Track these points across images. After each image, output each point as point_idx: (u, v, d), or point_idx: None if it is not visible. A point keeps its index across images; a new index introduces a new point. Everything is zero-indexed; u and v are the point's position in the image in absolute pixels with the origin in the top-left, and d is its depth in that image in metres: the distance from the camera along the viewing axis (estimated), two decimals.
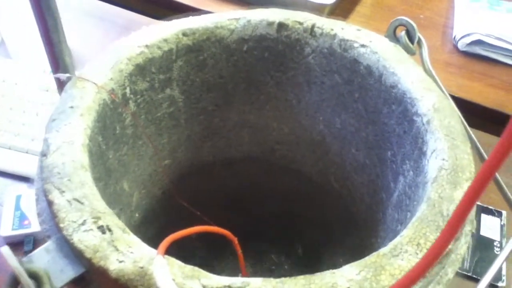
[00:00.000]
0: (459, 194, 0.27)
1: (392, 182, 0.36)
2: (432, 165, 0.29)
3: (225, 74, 0.40)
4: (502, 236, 0.72)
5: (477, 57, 0.90)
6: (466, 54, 0.91)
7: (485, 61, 0.91)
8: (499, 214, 0.74)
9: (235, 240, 0.33)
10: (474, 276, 0.67)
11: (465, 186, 0.28)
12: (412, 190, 0.32)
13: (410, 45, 0.37)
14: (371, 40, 0.36)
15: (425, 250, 0.24)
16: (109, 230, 0.24)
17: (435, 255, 0.19)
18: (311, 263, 0.46)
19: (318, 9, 0.90)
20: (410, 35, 0.38)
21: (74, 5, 0.90)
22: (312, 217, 0.46)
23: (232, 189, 0.47)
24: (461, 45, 0.90)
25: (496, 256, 0.75)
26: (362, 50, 0.36)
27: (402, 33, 0.38)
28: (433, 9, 1.00)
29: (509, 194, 0.40)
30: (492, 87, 0.89)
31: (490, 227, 0.73)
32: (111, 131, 0.34)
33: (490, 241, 0.71)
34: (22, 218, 0.49)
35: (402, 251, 0.25)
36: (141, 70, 0.35)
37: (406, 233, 0.25)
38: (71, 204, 0.25)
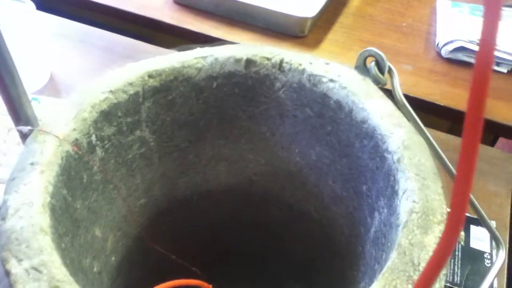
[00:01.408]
0: (430, 240, 0.27)
1: (368, 217, 0.36)
2: (403, 206, 0.29)
3: (195, 111, 0.40)
4: (492, 247, 0.71)
5: (460, 63, 0.90)
6: (449, 61, 0.91)
7: (469, 68, 0.90)
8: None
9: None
10: None
11: (436, 230, 0.27)
12: (387, 229, 0.31)
13: (380, 76, 0.37)
14: (340, 74, 0.36)
15: None
16: None
17: None
18: None
19: (301, 23, 0.90)
20: (379, 66, 0.37)
21: (53, 27, 0.89)
22: (295, 249, 0.45)
23: (211, 222, 0.47)
24: (444, 52, 0.90)
25: (486, 268, 0.74)
26: (331, 85, 0.36)
27: (371, 64, 0.37)
28: (416, 16, 1.00)
29: (488, 221, 0.39)
30: None
31: (480, 238, 0.73)
32: (77, 182, 0.33)
33: (480, 253, 0.71)
34: None
35: None
36: (107, 116, 0.34)
37: (376, 286, 0.25)
38: (29, 273, 0.24)
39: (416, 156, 0.31)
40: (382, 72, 0.37)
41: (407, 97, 1.01)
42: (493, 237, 0.39)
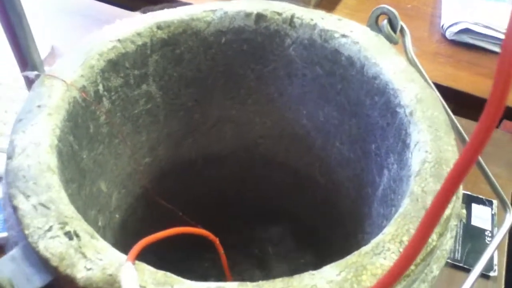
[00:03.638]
0: None
1: (377, 176, 0.35)
2: (416, 158, 0.28)
3: (203, 68, 0.39)
4: (493, 225, 0.71)
5: (465, 46, 0.89)
6: (454, 43, 0.90)
7: (473, 50, 0.90)
8: (490, 204, 0.74)
9: (217, 240, 0.32)
10: (465, 266, 0.66)
11: None
12: (397, 184, 0.31)
13: (393, 34, 0.36)
14: (352, 30, 0.35)
15: None
16: (77, 236, 0.23)
17: (415, 249, 0.18)
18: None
19: (304, 1, 0.89)
20: (392, 24, 0.37)
21: (54, 2, 0.88)
22: (298, 213, 0.45)
23: (215, 185, 0.46)
24: (449, 34, 0.89)
25: (487, 246, 0.74)
26: (343, 40, 0.35)
27: (384, 22, 0.37)
28: None
29: (496, 183, 0.39)
30: (480, 76, 0.89)
31: (481, 216, 0.73)
32: (84, 130, 0.32)
33: (481, 231, 0.71)
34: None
35: (384, 249, 0.24)
36: (114, 65, 0.34)
37: (388, 230, 0.24)
38: (36, 209, 0.24)
39: (429, 109, 0.30)
40: (394, 31, 0.37)
41: None
42: (501, 200, 0.39)
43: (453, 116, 0.37)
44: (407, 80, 0.32)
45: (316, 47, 0.36)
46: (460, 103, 0.88)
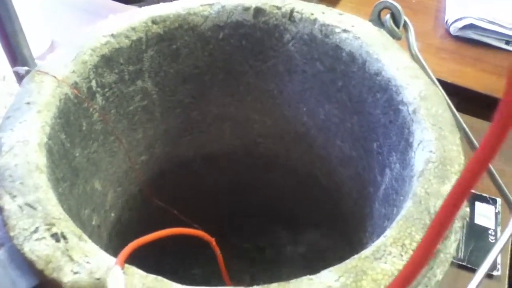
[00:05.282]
0: (447, 189, 0.25)
1: (378, 175, 0.34)
2: (419, 157, 0.27)
3: (201, 64, 0.38)
4: (497, 224, 0.70)
5: (469, 41, 0.88)
6: (458, 38, 0.89)
7: (478, 46, 0.89)
8: (494, 202, 0.73)
9: (213, 241, 0.31)
10: (469, 265, 0.65)
11: (453, 179, 0.26)
12: (399, 184, 0.30)
13: (396, 29, 0.35)
14: (354, 24, 0.34)
15: (410, 252, 0.22)
16: (64, 237, 0.22)
17: (422, 258, 0.17)
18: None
19: None
20: (395, 19, 0.35)
21: None
22: (299, 214, 0.44)
23: (214, 185, 0.45)
24: (453, 29, 0.88)
25: (491, 244, 0.73)
26: (344, 35, 0.34)
27: (387, 17, 0.35)
28: None
29: (499, 180, 0.38)
30: (484, 72, 0.87)
31: (485, 215, 0.72)
32: (76, 128, 0.31)
33: (485, 230, 0.70)
34: None
35: (385, 253, 0.23)
36: (108, 61, 0.33)
37: (390, 233, 0.23)
38: (22, 210, 0.23)
39: (434, 107, 0.29)
40: (397, 26, 0.35)
41: None
42: (505, 199, 0.37)
43: (457, 114, 0.36)
44: (410, 77, 0.31)
45: (317, 43, 0.35)
46: (465, 99, 0.87)
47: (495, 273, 0.64)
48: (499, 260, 0.66)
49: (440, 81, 1.01)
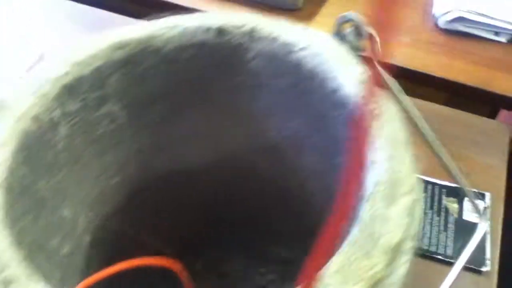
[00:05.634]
0: (393, 212, 0.25)
1: None
2: (370, 178, 0.27)
3: (168, 84, 0.38)
4: (486, 219, 0.70)
5: (458, 34, 0.87)
6: (447, 32, 0.88)
7: (467, 38, 0.88)
8: (482, 196, 0.73)
9: (181, 270, 0.32)
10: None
11: (401, 201, 0.26)
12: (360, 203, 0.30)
13: (357, 42, 0.35)
14: (313, 41, 0.34)
15: (351, 283, 0.22)
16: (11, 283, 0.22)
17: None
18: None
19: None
20: (359, 31, 0.35)
21: (52, 8, 0.87)
22: (276, 228, 0.44)
23: (191, 201, 0.46)
24: (441, 23, 0.87)
25: (480, 240, 0.73)
26: (304, 53, 0.34)
27: (348, 30, 0.35)
28: None
29: (461, 177, 0.37)
30: (474, 64, 0.87)
31: (473, 210, 0.71)
32: (40, 160, 0.32)
33: (473, 225, 0.69)
34: None
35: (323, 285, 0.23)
36: (70, 90, 0.33)
37: (334, 260, 0.23)
38: None
39: (387, 124, 0.29)
40: (361, 39, 0.35)
41: (404, 69, 0.98)
42: (474, 207, 0.38)
43: (420, 122, 0.36)
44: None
45: (279, 60, 0.35)
46: (454, 93, 0.86)
47: (483, 269, 0.64)
48: (488, 255, 0.66)
49: (429, 75, 1.00)
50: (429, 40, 0.88)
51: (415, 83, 0.84)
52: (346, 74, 0.32)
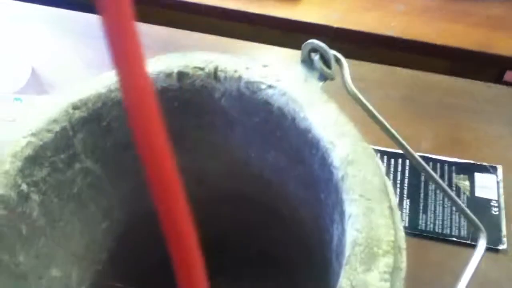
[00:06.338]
0: (373, 277, 0.24)
1: (330, 227, 0.33)
2: (348, 236, 0.26)
3: None
4: (499, 194, 0.68)
5: None
6: None
7: None
8: (494, 170, 0.70)
9: None
10: (472, 243, 0.64)
11: (381, 264, 0.24)
12: (341, 250, 0.29)
13: (326, 70, 0.33)
14: (279, 79, 0.32)
15: None
16: None
17: None
18: None
19: None
20: (325, 58, 0.33)
21: (37, 14, 0.85)
22: (274, 254, 0.44)
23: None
24: None
25: (494, 217, 0.71)
26: (270, 91, 0.32)
27: (316, 58, 0.33)
28: None
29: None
30: (475, 26, 0.82)
31: (485, 185, 0.69)
32: (14, 236, 0.31)
33: (487, 202, 0.68)
34: None
35: None
36: (34, 160, 0.32)
37: None
38: None
39: (361, 171, 0.27)
40: (328, 65, 0.33)
41: (401, 40, 0.94)
42: (471, 222, 0.36)
43: (401, 140, 0.34)
44: (337, 136, 0.29)
45: (246, 99, 0.33)
46: (457, 60, 0.82)
47: (500, 247, 0.63)
48: (504, 233, 0.65)
49: (429, 44, 0.96)
50: (425, 4, 0.84)
51: (415, 53, 0.81)
52: (315, 115, 0.30)
